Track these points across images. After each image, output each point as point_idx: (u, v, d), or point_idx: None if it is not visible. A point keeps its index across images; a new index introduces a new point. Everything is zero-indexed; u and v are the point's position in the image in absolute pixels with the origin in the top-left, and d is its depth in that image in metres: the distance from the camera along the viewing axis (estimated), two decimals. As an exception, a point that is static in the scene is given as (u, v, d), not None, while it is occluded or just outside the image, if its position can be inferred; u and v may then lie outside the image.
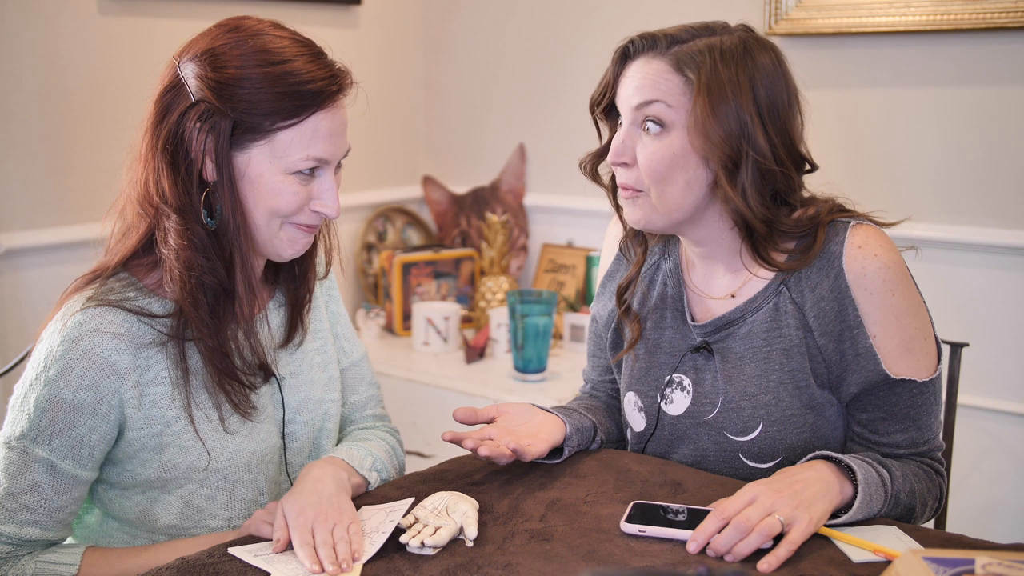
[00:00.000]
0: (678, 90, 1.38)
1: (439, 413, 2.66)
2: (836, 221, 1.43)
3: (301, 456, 1.50)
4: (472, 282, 3.14)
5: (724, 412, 1.46)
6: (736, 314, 1.46)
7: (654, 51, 1.42)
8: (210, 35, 1.34)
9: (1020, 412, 2.32)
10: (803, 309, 1.42)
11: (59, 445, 1.31)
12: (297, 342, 1.50)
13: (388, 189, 3.26)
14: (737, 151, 1.37)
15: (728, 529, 1.22)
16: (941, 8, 2.28)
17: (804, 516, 1.24)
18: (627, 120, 1.42)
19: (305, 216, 1.37)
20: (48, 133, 2.42)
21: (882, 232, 1.43)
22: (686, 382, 1.51)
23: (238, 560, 1.22)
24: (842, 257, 1.39)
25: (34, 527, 1.32)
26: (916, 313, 1.42)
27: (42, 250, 2.40)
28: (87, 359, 1.30)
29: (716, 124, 1.36)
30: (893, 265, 1.39)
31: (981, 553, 1.04)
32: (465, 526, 1.26)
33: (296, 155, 1.32)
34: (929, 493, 1.45)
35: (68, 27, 2.43)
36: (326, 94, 1.33)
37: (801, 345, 1.42)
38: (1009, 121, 2.28)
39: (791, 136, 1.43)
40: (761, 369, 1.44)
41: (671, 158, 1.38)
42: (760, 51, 1.43)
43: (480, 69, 3.18)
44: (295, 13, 2.86)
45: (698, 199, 1.41)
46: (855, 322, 1.39)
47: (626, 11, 2.82)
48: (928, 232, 2.37)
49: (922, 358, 1.41)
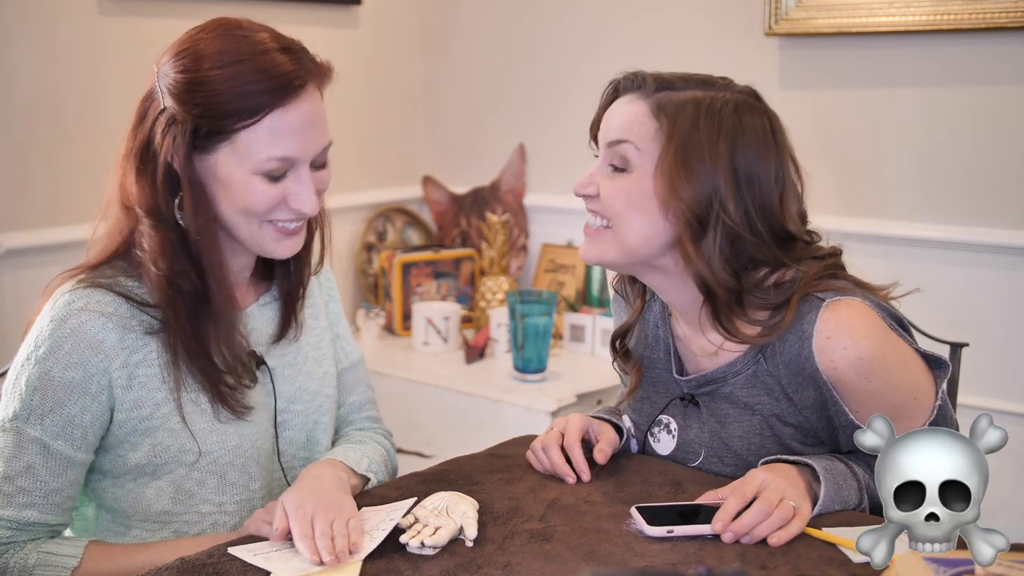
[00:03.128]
0: (650, 135, 1.36)
1: (439, 413, 2.66)
2: (811, 296, 1.34)
3: (294, 447, 1.50)
4: (472, 282, 3.14)
5: (707, 463, 1.47)
6: (719, 373, 1.43)
7: (640, 91, 1.39)
8: (185, 36, 1.36)
9: (1020, 412, 2.32)
10: (780, 382, 1.38)
11: (51, 424, 1.32)
12: (292, 337, 1.50)
13: (388, 189, 3.26)
14: (706, 213, 1.33)
15: (752, 509, 1.25)
16: (941, 8, 2.28)
17: (805, 503, 1.29)
18: (601, 155, 1.42)
19: (283, 213, 1.36)
20: (48, 133, 2.42)
21: (859, 308, 1.32)
22: (673, 425, 1.51)
23: (238, 560, 1.22)
24: (812, 343, 1.33)
25: (32, 510, 1.33)
26: (900, 383, 1.35)
27: (42, 250, 2.40)
28: (75, 337, 1.31)
29: (685, 180, 1.32)
30: (865, 354, 1.31)
31: (981, 553, 1.04)
32: (465, 526, 1.26)
33: (259, 155, 1.31)
34: None
35: (68, 27, 2.43)
36: (285, 90, 1.30)
37: (784, 414, 1.40)
38: (1009, 121, 2.27)
39: (771, 208, 1.35)
40: (744, 431, 1.43)
41: (627, 197, 1.36)
42: (752, 116, 1.36)
43: (480, 69, 3.18)
44: (295, 13, 2.85)
45: (654, 249, 1.37)
46: (832, 402, 1.36)
47: (626, 11, 2.82)
48: (929, 232, 2.37)
49: (915, 418, 1.36)
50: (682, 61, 2.72)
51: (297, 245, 1.41)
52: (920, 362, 1.37)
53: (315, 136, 1.35)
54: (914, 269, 2.39)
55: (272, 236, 1.37)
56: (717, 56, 2.63)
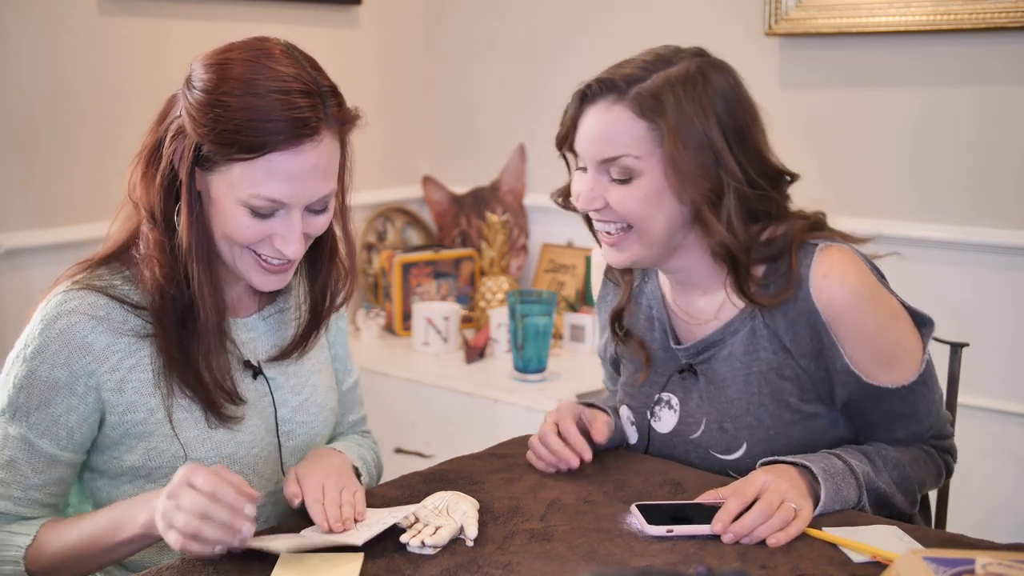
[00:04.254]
0: (643, 138, 1.37)
1: (439, 413, 2.66)
2: (805, 243, 1.41)
3: (296, 456, 1.49)
4: (472, 282, 3.14)
5: (708, 432, 1.48)
6: (716, 336, 1.46)
7: (614, 94, 1.38)
8: (225, 46, 1.33)
9: (1020, 412, 2.32)
10: (778, 334, 1.42)
11: (36, 423, 1.32)
12: (296, 355, 1.49)
13: (388, 189, 3.26)
14: (718, 182, 1.37)
15: (753, 511, 1.26)
16: (941, 8, 2.28)
17: (807, 505, 1.29)
18: (591, 168, 1.41)
19: (267, 249, 1.33)
20: (48, 133, 2.42)
21: (850, 253, 1.40)
22: (674, 401, 1.52)
23: (238, 560, 1.22)
24: (809, 283, 1.38)
25: (7, 501, 1.33)
26: (891, 326, 1.41)
27: (42, 250, 2.40)
28: (63, 338, 1.32)
29: (691, 162, 1.35)
30: (861, 289, 1.38)
31: (981, 553, 1.04)
32: (465, 526, 1.26)
33: (245, 191, 1.28)
34: (928, 473, 1.48)
35: (68, 27, 2.43)
36: (290, 135, 1.26)
37: (781, 367, 1.43)
38: (1009, 121, 2.27)
39: (762, 153, 1.41)
40: (741, 391, 1.45)
41: (645, 200, 1.38)
42: (715, 74, 1.40)
43: (480, 69, 3.18)
44: (295, 13, 2.85)
45: (676, 233, 1.41)
46: (829, 344, 1.39)
47: (626, 11, 2.82)
48: (929, 232, 2.37)
49: (905, 365, 1.42)
50: (682, 61, 2.72)
51: (280, 282, 1.37)
52: (907, 315, 1.43)
53: (314, 184, 1.30)
54: (914, 269, 2.40)
55: (252, 267, 1.35)
56: (717, 56, 2.63)
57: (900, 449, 1.46)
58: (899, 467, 1.44)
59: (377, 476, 1.62)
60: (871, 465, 1.40)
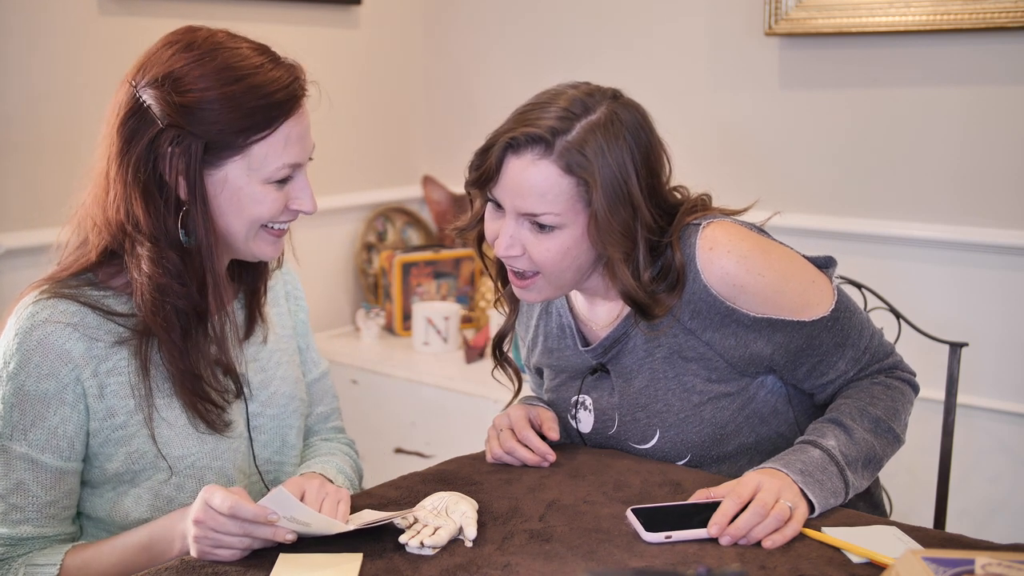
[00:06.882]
0: (569, 194, 1.38)
1: (439, 413, 2.66)
2: (687, 226, 1.43)
3: (268, 450, 1.51)
4: (472, 282, 3.14)
5: (623, 425, 1.52)
6: (620, 331, 1.50)
7: (541, 147, 1.38)
8: (164, 56, 1.35)
9: (1020, 412, 2.32)
10: (675, 314, 1.44)
11: (35, 439, 1.32)
12: (260, 338, 1.51)
13: (388, 189, 3.26)
14: (635, 237, 1.40)
15: (747, 512, 1.26)
16: (941, 8, 2.28)
17: (802, 503, 1.30)
18: (511, 215, 1.42)
19: (283, 216, 1.40)
20: (48, 133, 2.42)
21: (729, 223, 1.44)
22: (588, 402, 1.57)
23: (238, 560, 1.22)
24: (696, 262, 1.41)
25: (27, 525, 1.32)
26: (792, 273, 1.43)
27: (42, 250, 2.38)
28: (42, 349, 1.31)
29: (613, 220, 1.38)
30: (749, 252, 1.41)
31: (981, 553, 1.04)
32: (464, 526, 1.26)
33: (273, 165, 1.34)
34: (901, 405, 1.49)
35: (68, 27, 2.43)
36: (293, 101, 1.35)
37: (683, 348, 1.46)
38: (1009, 121, 2.27)
39: (666, 197, 1.45)
40: (648, 380, 1.49)
41: (563, 253, 1.41)
42: (626, 112, 1.41)
43: (480, 69, 3.18)
44: (295, 13, 2.85)
45: (585, 275, 1.46)
46: (729, 310, 1.42)
47: (627, 12, 2.82)
48: (928, 232, 2.37)
49: (818, 301, 1.44)
50: (682, 61, 2.73)
51: (283, 245, 1.45)
52: (804, 260, 1.46)
53: (310, 139, 1.40)
54: (913, 269, 2.40)
55: (266, 240, 1.40)
56: (717, 56, 2.63)
57: (856, 396, 1.47)
58: (865, 415, 1.44)
59: (360, 476, 1.62)
60: (844, 431, 1.41)
